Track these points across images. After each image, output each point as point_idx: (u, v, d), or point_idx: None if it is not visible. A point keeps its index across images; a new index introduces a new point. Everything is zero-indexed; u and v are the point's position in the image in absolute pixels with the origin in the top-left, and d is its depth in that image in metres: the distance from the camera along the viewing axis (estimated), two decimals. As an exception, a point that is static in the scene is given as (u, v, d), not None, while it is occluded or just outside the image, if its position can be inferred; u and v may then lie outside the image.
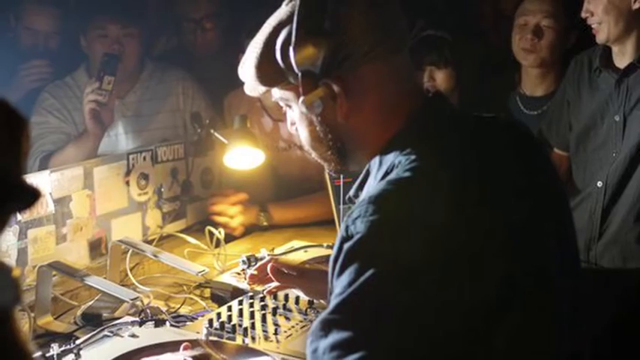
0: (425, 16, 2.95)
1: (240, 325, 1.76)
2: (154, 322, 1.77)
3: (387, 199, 1.14)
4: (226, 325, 1.75)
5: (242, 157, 2.50)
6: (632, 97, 2.40)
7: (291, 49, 1.21)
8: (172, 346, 1.59)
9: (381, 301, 1.08)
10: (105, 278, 2.03)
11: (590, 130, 2.52)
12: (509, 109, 2.92)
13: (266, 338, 1.72)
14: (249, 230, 2.72)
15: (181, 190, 2.69)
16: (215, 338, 1.69)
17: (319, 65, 1.21)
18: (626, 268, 2.43)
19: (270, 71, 1.27)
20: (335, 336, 1.07)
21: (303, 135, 1.34)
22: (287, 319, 1.81)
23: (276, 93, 1.32)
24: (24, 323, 1.79)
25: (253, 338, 1.71)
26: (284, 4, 1.30)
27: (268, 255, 2.21)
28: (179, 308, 1.99)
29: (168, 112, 3.04)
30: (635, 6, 2.34)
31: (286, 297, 1.89)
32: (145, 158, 2.54)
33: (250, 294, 1.93)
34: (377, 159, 1.28)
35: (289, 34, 1.22)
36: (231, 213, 2.67)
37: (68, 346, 1.57)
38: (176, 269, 2.17)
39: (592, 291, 1.50)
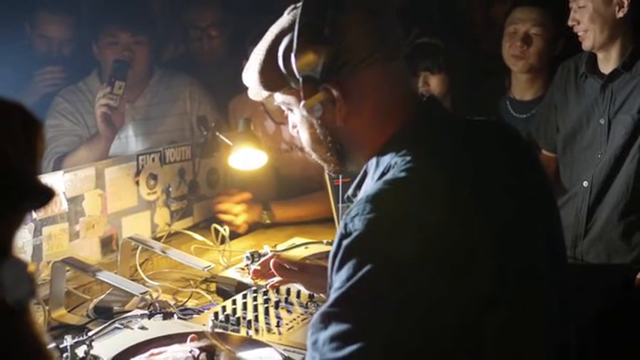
0: (420, 24, 2.95)
1: (244, 318, 1.76)
2: (162, 314, 1.77)
3: (383, 198, 1.14)
4: (231, 318, 1.75)
5: (246, 158, 2.50)
6: (616, 101, 2.41)
7: (292, 55, 1.21)
8: (180, 338, 1.59)
9: (377, 295, 1.08)
10: (116, 273, 2.04)
11: (577, 132, 2.52)
12: (499, 113, 2.92)
13: (269, 330, 1.72)
14: (253, 227, 2.71)
15: (188, 190, 2.69)
16: (220, 330, 1.69)
17: (319, 71, 1.21)
18: (610, 264, 2.43)
19: (272, 77, 1.27)
20: (334, 328, 1.07)
21: (304, 137, 1.34)
22: (289, 312, 1.82)
23: (279, 97, 1.32)
24: (39, 316, 1.79)
25: (257, 330, 1.72)
26: (286, 13, 1.30)
27: (271, 251, 2.21)
28: (186, 302, 1.99)
29: (176, 116, 3.04)
30: (619, 15, 2.34)
31: (288, 291, 1.89)
32: (153, 159, 2.54)
33: (254, 288, 1.93)
34: (374, 160, 1.28)
35: (291, 42, 1.22)
36: (236, 211, 2.67)
37: (81, 338, 1.56)
38: (183, 265, 2.18)
39: (578, 285, 1.49)
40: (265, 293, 1.89)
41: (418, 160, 1.19)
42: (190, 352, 1.45)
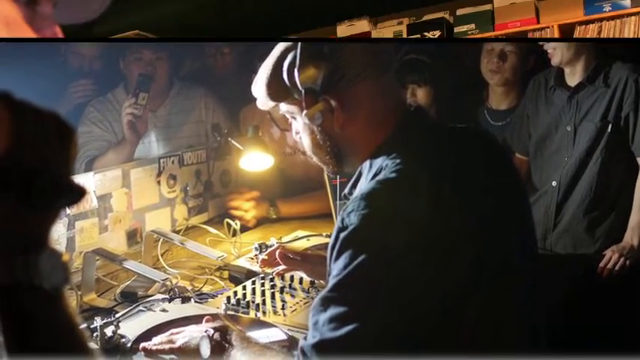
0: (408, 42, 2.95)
1: (253, 302, 1.76)
2: (181, 299, 1.77)
3: (376, 196, 1.14)
4: (241, 302, 1.75)
5: (255, 160, 2.50)
6: (581, 110, 2.41)
7: (296, 70, 1.21)
8: (196, 319, 1.59)
9: (371, 282, 1.08)
10: (140, 262, 2.03)
11: (547, 138, 2.52)
12: (478, 121, 2.92)
13: (275, 312, 1.72)
14: (261, 222, 2.71)
15: (204, 189, 2.69)
16: (232, 312, 1.69)
17: (319, 84, 1.22)
18: (576, 254, 2.43)
19: (278, 89, 1.27)
20: (332, 311, 1.07)
21: (305, 142, 1.34)
22: (292, 296, 1.82)
23: (283, 107, 1.32)
24: (72, 300, 1.79)
25: (264, 312, 1.72)
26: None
27: (277, 243, 2.21)
28: (202, 287, 1.99)
29: (193, 123, 3.04)
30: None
31: (292, 278, 1.89)
32: (173, 162, 2.54)
33: (262, 275, 1.94)
34: (368, 162, 1.28)
35: (294, 58, 1.22)
36: (246, 207, 2.67)
37: (109, 319, 1.57)
38: (199, 255, 2.17)
39: (548, 273, 1.49)
40: (272, 280, 1.89)
41: (406, 162, 1.19)
42: (205, 331, 1.45)
